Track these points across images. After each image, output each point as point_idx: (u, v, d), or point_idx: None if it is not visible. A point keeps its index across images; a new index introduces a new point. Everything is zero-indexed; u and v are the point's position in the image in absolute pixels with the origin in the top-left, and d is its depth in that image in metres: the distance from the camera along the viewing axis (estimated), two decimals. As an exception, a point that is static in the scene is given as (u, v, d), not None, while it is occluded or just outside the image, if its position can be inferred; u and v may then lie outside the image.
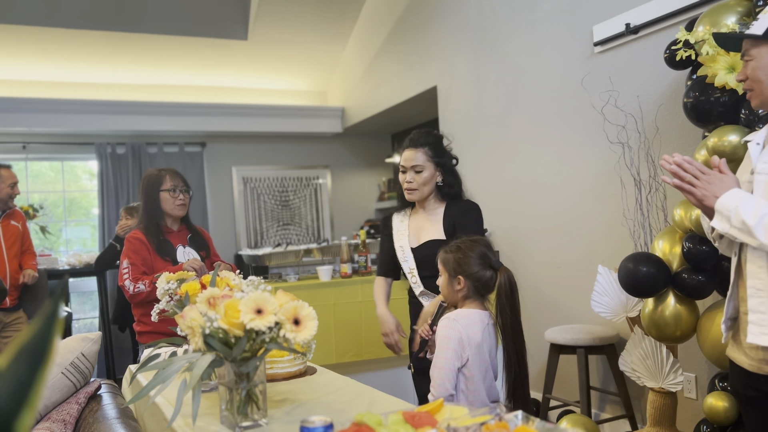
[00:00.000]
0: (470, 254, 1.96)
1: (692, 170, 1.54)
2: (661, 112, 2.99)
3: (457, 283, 1.97)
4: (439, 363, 1.89)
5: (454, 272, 1.97)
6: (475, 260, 1.96)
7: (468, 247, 1.98)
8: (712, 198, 1.51)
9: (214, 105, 6.03)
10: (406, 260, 2.47)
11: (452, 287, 1.98)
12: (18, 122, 5.33)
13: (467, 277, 1.96)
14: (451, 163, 2.51)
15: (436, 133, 2.53)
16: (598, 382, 3.47)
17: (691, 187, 1.54)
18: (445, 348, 1.89)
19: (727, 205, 1.49)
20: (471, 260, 1.95)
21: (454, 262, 1.97)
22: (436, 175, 2.45)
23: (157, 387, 1.30)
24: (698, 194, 1.53)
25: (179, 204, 2.81)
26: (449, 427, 1.02)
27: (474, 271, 1.95)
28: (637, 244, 2.94)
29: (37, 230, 5.47)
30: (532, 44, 3.82)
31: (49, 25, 5.06)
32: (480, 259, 1.96)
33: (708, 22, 2.32)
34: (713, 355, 2.28)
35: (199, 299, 1.30)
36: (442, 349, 1.89)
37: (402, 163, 2.44)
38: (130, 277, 2.65)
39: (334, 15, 5.81)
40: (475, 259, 1.96)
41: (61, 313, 0.48)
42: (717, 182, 1.52)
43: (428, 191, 2.45)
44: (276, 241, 6.51)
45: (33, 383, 0.45)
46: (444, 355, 1.89)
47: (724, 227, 1.50)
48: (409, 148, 2.44)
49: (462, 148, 4.57)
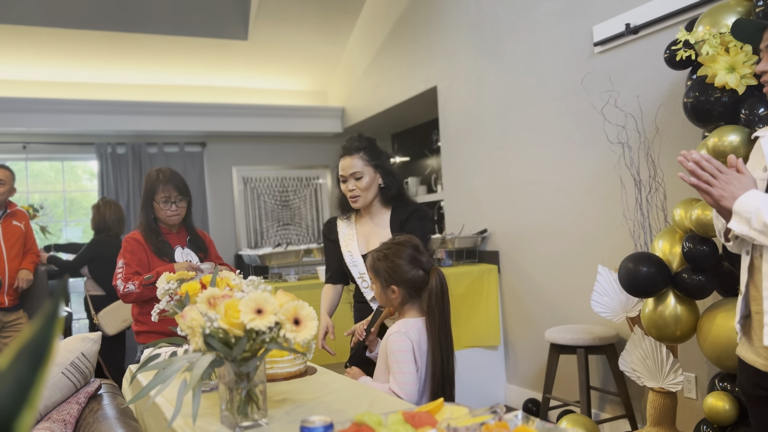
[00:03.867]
0: (399, 261, 1.93)
1: (710, 169, 1.49)
2: (661, 112, 2.99)
3: (392, 292, 1.95)
4: (403, 378, 1.86)
5: (386, 282, 1.95)
6: (405, 266, 1.93)
7: (395, 253, 1.94)
8: (729, 199, 1.47)
9: (214, 105, 6.03)
10: (355, 265, 2.44)
11: (387, 295, 1.97)
12: (18, 122, 5.33)
13: (400, 285, 1.94)
14: (389, 163, 2.49)
15: (368, 136, 2.50)
16: (598, 382, 3.47)
17: (708, 187, 1.49)
18: (403, 362, 1.87)
19: (747, 207, 1.44)
20: (401, 267, 1.93)
21: (384, 272, 1.94)
22: (377, 177, 2.42)
23: (157, 387, 1.30)
24: (715, 194, 1.48)
25: (171, 215, 2.79)
26: (449, 427, 1.02)
27: (406, 278, 1.93)
28: (637, 244, 2.94)
29: (37, 230, 5.46)
30: (532, 44, 3.82)
31: (49, 25, 5.06)
32: (410, 264, 1.93)
33: (708, 22, 2.32)
34: (713, 355, 2.28)
35: (199, 299, 1.30)
36: (402, 363, 1.87)
37: (340, 173, 2.41)
38: (122, 277, 2.66)
39: (334, 15, 5.81)
40: (405, 265, 1.93)
41: (61, 313, 0.48)
42: (735, 182, 1.47)
43: (372, 196, 2.43)
44: (276, 241, 6.52)
45: (33, 383, 0.45)
46: (406, 369, 1.87)
47: (742, 229, 1.46)
48: (345, 156, 2.40)
49: (462, 148, 4.58)
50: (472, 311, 4.08)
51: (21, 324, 3.92)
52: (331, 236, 2.57)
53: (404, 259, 1.93)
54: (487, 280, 4.14)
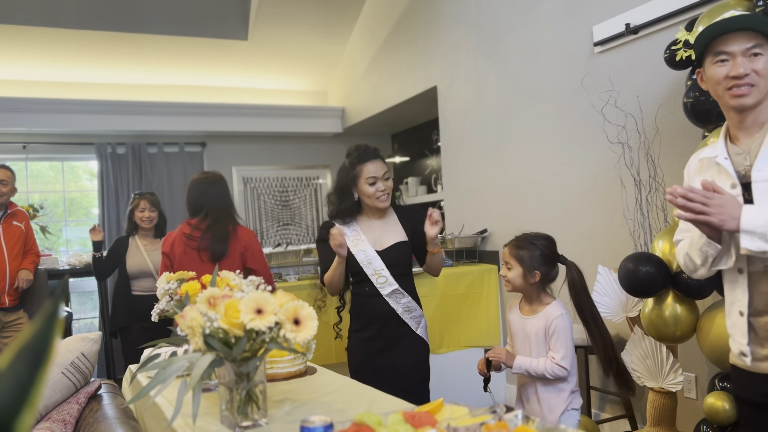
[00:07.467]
0: (546, 251, 2.24)
1: (698, 198, 1.44)
2: (661, 112, 2.99)
3: (532, 277, 2.22)
4: (569, 353, 2.17)
5: (531, 266, 2.22)
6: (551, 256, 2.25)
7: (544, 245, 2.25)
8: (730, 220, 1.42)
9: (214, 105, 6.02)
10: (370, 263, 2.54)
11: (527, 280, 2.23)
12: (18, 122, 5.33)
13: (542, 271, 2.22)
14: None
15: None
16: (598, 382, 3.47)
17: (705, 217, 1.44)
18: (569, 339, 2.18)
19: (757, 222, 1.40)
20: (546, 257, 2.23)
21: (529, 258, 2.22)
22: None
23: (157, 387, 1.30)
24: (715, 220, 1.43)
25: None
26: (449, 427, 1.02)
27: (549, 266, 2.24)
28: (637, 244, 2.94)
29: (37, 230, 5.46)
30: (532, 44, 3.82)
31: (49, 25, 5.06)
32: (553, 254, 2.26)
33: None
34: (713, 355, 2.28)
35: (199, 299, 1.30)
36: (568, 341, 2.18)
37: (371, 175, 2.55)
38: None
39: (334, 15, 5.81)
40: (550, 255, 2.25)
41: (61, 313, 0.48)
42: (726, 204, 1.43)
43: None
44: (276, 241, 6.51)
45: (33, 383, 0.45)
46: (570, 345, 2.18)
47: (759, 245, 1.42)
48: (372, 160, 2.58)
49: (462, 148, 4.58)
50: (472, 311, 4.08)
51: (21, 324, 3.92)
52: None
53: (549, 249, 2.26)
54: (487, 280, 4.14)
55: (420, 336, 2.58)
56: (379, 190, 2.56)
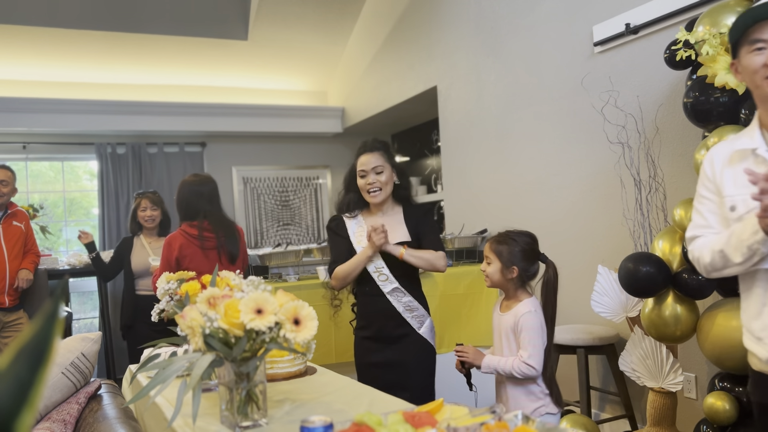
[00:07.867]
0: (526, 248, 2.20)
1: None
2: (661, 112, 2.99)
3: (510, 272, 2.18)
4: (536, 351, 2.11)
5: (509, 262, 2.18)
6: (530, 253, 2.20)
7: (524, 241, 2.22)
8: None
9: (214, 105, 6.02)
10: (371, 260, 2.54)
11: (504, 275, 2.20)
12: (18, 122, 5.33)
13: (520, 267, 2.18)
14: (401, 166, 2.65)
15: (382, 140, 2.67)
16: (598, 382, 3.47)
17: None
18: (537, 337, 2.12)
19: None
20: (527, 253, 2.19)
21: (508, 254, 2.18)
22: (393, 175, 2.59)
23: (157, 387, 1.30)
24: None
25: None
26: (449, 427, 1.02)
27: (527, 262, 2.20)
28: (637, 244, 2.94)
29: (37, 230, 5.46)
30: (532, 44, 3.82)
31: (49, 25, 5.06)
32: (533, 252, 2.22)
33: (708, 22, 2.32)
34: (713, 355, 2.28)
35: (199, 299, 1.30)
36: (537, 339, 2.12)
37: (361, 168, 2.55)
38: None
39: (334, 15, 5.81)
40: (530, 252, 2.20)
41: (61, 313, 0.48)
42: None
43: (389, 191, 2.59)
44: (276, 241, 6.51)
45: (33, 383, 0.45)
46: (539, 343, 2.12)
47: None
48: (365, 153, 2.56)
49: (462, 148, 4.58)
50: (472, 311, 4.08)
51: (21, 324, 3.92)
52: (340, 231, 2.64)
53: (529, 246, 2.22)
54: (487, 280, 4.14)
55: (422, 336, 2.57)
56: (368, 183, 2.53)
